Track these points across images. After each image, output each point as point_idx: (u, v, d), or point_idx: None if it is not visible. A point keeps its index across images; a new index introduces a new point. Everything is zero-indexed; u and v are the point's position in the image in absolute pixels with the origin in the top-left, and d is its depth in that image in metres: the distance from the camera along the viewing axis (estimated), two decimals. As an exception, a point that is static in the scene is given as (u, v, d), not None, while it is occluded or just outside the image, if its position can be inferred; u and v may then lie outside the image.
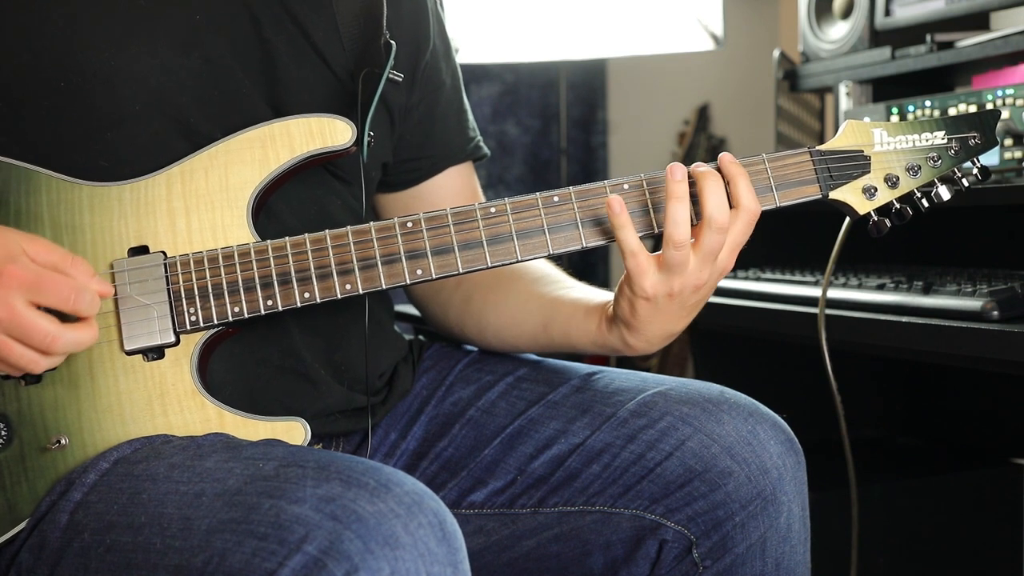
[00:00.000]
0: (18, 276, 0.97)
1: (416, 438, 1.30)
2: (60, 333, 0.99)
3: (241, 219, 1.11)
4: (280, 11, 1.18)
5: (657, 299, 1.12)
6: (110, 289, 1.05)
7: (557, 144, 3.29)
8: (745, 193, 1.11)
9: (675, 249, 1.09)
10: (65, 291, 0.99)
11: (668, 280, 1.11)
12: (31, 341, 0.98)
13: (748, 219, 1.12)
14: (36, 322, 0.98)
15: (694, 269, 1.11)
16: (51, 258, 1.00)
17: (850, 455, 1.61)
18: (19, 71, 1.11)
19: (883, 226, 1.17)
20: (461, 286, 1.34)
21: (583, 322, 1.23)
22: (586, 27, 2.54)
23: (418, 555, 0.87)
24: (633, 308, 1.15)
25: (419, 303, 1.41)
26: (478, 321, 1.33)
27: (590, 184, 1.14)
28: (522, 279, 1.32)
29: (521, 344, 1.32)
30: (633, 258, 1.11)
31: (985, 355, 1.33)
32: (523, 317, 1.29)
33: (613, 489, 1.19)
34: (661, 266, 1.11)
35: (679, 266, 1.10)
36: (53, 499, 1.03)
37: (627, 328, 1.18)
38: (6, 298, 0.97)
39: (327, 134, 1.12)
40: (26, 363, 0.99)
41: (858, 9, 1.98)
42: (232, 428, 1.09)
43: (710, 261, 1.12)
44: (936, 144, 1.18)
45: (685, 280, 1.11)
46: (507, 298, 1.31)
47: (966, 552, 2.00)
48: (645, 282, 1.11)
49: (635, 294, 1.13)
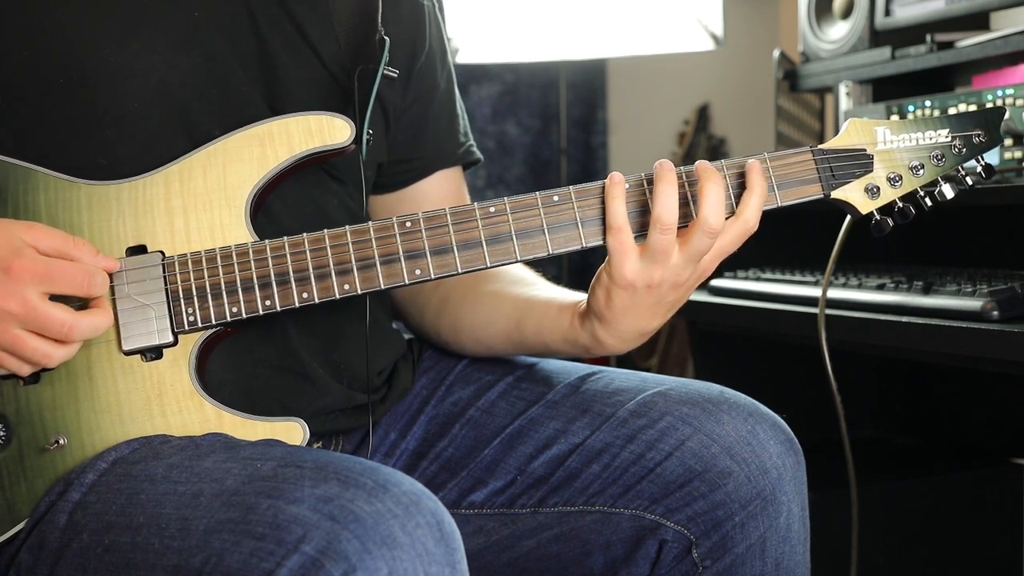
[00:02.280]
0: (28, 269, 0.98)
1: (416, 438, 1.30)
2: (77, 321, 1.00)
3: (239, 218, 1.11)
4: (277, 9, 1.18)
5: (636, 288, 1.11)
6: (115, 263, 1.06)
7: (557, 144, 3.29)
8: (754, 207, 1.11)
9: (661, 232, 1.08)
10: (78, 277, 1.01)
11: (650, 269, 1.10)
12: (49, 332, 0.99)
13: (742, 231, 1.12)
14: (53, 313, 0.99)
15: (677, 265, 1.10)
16: (54, 243, 1.01)
17: (850, 455, 1.61)
18: (18, 68, 1.10)
19: (885, 225, 1.17)
20: (439, 288, 1.33)
21: (556, 319, 1.22)
22: (586, 27, 2.54)
23: (416, 555, 0.87)
24: (609, 298, 1.13)
25: (398, 305, 1.40)
26: (453, 322, 1.32)
27: (590, 183, 1.13)
28: (498, 281, 1.31)
29: (495, 344, 1.30)
30: (617, 235, 1.10)
31: (985, 355, 1.33)
32: (496, 316, 1.28)
33: (613, 489, 1.19)
34: (644, 253, 1.10)
35: (662, 252, 1.09)
36: (52, 499, 1.03)
37: (600, 321, 1.16)
38: (20, 292, 0.97)
39: (326, 132, 1.12)
40: (39, 357, 1.00)
41: (858, 9, 1.98)
42: (231, 428, 1.09)
43: (694, 261, 1.11)
44: (940, 142, 1.17)
45: (666, 273, 1.10)
46: (482, 299, 1.30)
47: (966, 552, 2.00)
48: (626, 267, 1.10)
49: (614, 281, 1.12)
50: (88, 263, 1.02)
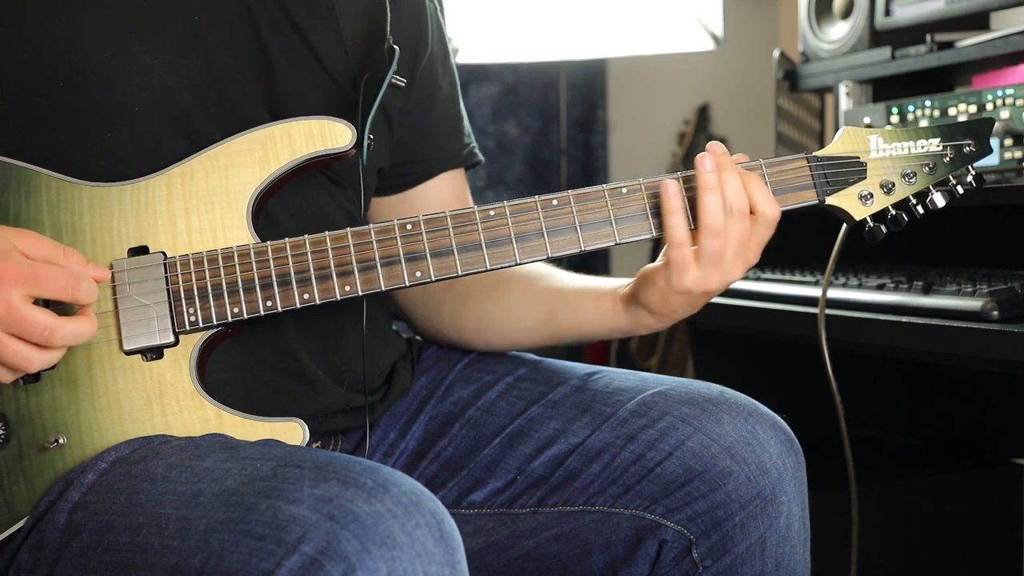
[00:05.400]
0: (13, 271, 0.97)
1: (416, 438, 1.30)
2: (59, 325, 0.99)
3: (241, 220, 1.11)
4: (279, 13, 1.18)
5: (693, 293, 1.15)
6: (106, 273, 1.06)
7: (557, 144, 3.29)
8: (764, 197, 1.14)
9: (713, 238, 1.11)
10: (62, 281, 0.99)
11: (708, 276, 1.13)
12: (30, 336, 0.98)
13: (771, 220, 1.15)
14: (34, 316, 0.98)
15: (727, 261, 1.13)
16: (43, 251, 1.01)
17: (850, 455, 1.61)
18: (19, 70, 1.11)
19: (878, 232, 1.19)
20: (454, 287, 1.34)
21: (595, 307, 1.26)
22: (586, 27, 2.54)
23: (415, 555, 0.87)
24: (666, 301, 1.17)
25: (405, 307, 1.40)
26: (478, 320, 1.33)
27: (588, 188, 1.14)
28: (524, 277, 1.32)
29: (523, 338, 1.32)
30: (679, 249, 1.13)
31: (985, 355, 1.33)
32: (525, 311, 1.30)
33: (613, 489, 1.19)
34: (699, 260, 1.13)
35: (716, 256, 1.12)
36: (52, 499, 1.03)
37: (650, 313, 1.20)
38: (3, 294, 0.96)
39: (327, 137, 1.12)
40: (19, 361, 0.98)
41: (858, 9, 1.98)
42: (231, 429, 1.09)
43: (743, 255, 1.14)
44: (931, 151, 1.19)
45: (722, 276, 1.14)
46: (509, 295, 1.31)
47: (966, 552, 2.00)
48: (686, 277, 1.13)
49: (672, 288, 1.15)
50: (75, 269, 1.01)
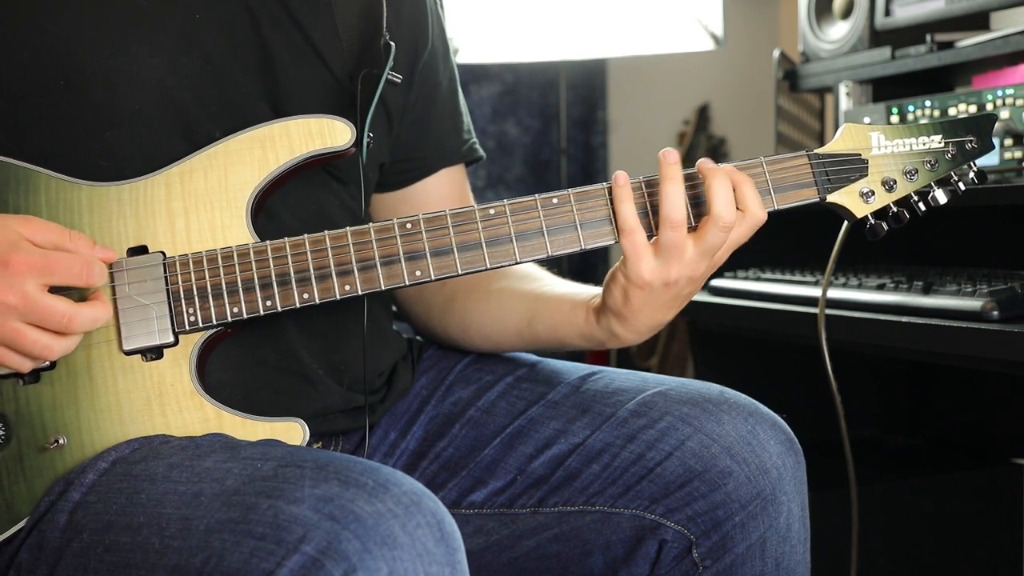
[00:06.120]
0: (26, 262, 0.98)
1: (416, 438, 1.30)
2: (76, 312, 1.00)
3: (240, 219, 1.11)
4: (279, 11, 1.18)
5: (653, 287, 1.12)
6: (113, 254, 1.07)
7: (557, 144, 3.29)
8: (753, 199, 1.12)
9: (671, 230, 1.10)
10: (76, 267, 1.01)
11: (666, 267, 1.11)
12: (49, 324, 0.99)
13: (752, 224, 1.13)
14: (53, 304, 0.99)
15: (691, 259, 1.11)
16: (50, 237, 1.02)
17: (850, 455, 1.61)
18: (19, 70, 1.11)
19: (880, 229, 1.18)
20: (445, 287, 1.34)
21: (570, 315, 1.24)
22: (586, 27, 2.54)
23: (416, 555, 0.87)
24: (627, 297, 1.14)
25: (402, 305, 1.41)
26: (462, 320, 1.33)
27: (589, 186, 1.14)
28: (506, 278, 1.32)
29: (505, 340, 1.31)
30: (630, 236, 1.11)
31: (985, 355, 1.33)
32: (507, 314, 1.29)
33: (613, 489, 1.19)
34: (658, 252, 1.11)
35: (676, 249, 1.10)
36: (52, 499, 1.03)
37: (616, 318, 1.18)
38: (19, 285, 0.98)
39: (327, 135, 1.12)
40: (40, 350, 1.00)
41: (858, 9, 1.98)
42: (231, 428, 1.09)
43: (708, 256, 1.12)
44: (933, 148, 1.19)
45: (682, 269, 1.12)
46: (491, 296, 1.31)
47: (966, 552, 2.00)
48: (642, 267, 1.11)
49: (630, 281, 1.13)
50: (86, 254, 1.03)
